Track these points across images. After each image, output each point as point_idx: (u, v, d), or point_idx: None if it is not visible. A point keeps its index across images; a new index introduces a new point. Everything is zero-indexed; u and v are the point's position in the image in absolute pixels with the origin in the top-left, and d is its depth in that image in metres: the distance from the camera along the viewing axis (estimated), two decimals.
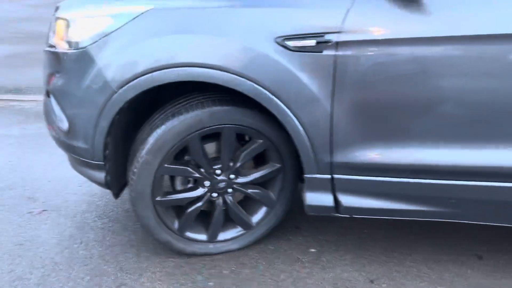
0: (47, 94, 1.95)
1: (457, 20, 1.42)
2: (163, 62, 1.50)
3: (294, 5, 1.48)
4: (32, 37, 6.79)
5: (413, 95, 1.48)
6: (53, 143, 2.76)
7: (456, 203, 1.61)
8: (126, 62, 1.55)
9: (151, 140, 1.58)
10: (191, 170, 1.68)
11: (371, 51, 1.45)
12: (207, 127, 1.60)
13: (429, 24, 1.42)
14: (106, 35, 1.57)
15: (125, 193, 2.05)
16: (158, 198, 1.68)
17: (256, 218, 1.84)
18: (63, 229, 1.98)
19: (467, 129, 1.49)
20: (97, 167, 1.74)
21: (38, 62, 5.10)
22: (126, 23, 1.55)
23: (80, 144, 1.72)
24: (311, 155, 1.58)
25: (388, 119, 1.52)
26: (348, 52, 1.44)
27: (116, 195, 1.88)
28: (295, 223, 2.05)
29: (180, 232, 1.76)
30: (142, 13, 1.54)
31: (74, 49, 1.65)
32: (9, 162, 2.59)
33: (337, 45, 1.44)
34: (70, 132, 1.74)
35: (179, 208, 1.78)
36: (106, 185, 1.78)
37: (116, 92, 1.56)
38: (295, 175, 1.78)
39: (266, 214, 1.84)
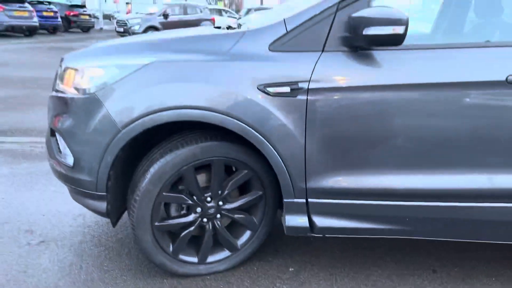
0: (52, 133, 2.18)
1: (400, 71, 1.79)
2: (164, 105, 1.77)
3: (273, 59, 1.81)
4: (10, 81, 6.95)
5: (368, 131, 1.81)
6: (43, 181, 2.97)
7: (409, 221, 1.92)
8: (132, 105, 1.81)
9: (152, 171, 1.83)
10: (185, 197, 1.93)
11: (334, 95, 1.78)
12: (200, 159, 1.86)
13: (379, 74, 1.79)
14: (113, 83, 1.84)
15: (118, 224, 2.25)
16: (156, 223, 1.90)
17: (241, 241, 2.08)
18: (62, 257, 2.14)
19: (414, 159, 1.83)
20: (100, 198, 1.95)
21: (18, 105, 5.31)
22: (132, 72, 1.83)
23: (84, 177, 1.94)
24: (289, 182, 1.86)
25: (350, 150, 1.84)
26: (317, 96, 1.77)
27: (114, 223, 2.08)
28: (275, 247, 2.30)
29: (174, 254, 1.98)
30: (145, 65, 1.83)
31: (83, 95, 1.90)
32: (2, 199, 2.73)
33: (308, 91, 1.77)
34: (75, 166, 1.96)
35: (173, 233, 2.00)
36: (106, 214, 1.98)
37: (121, 131, 1.82)
38: (275, 202, 2.05)
39: (250, 237, 2.08)
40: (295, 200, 1.90)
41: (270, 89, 1.78)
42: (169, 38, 2.04)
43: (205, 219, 1.99)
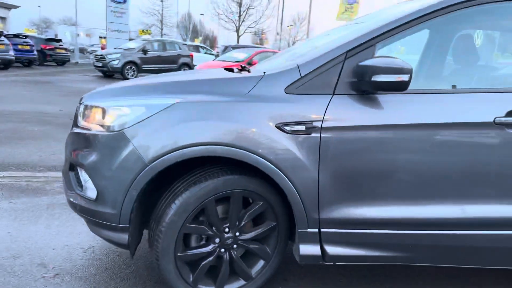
0: (71, 167, 2.28)
1: (401, 113, 2.01)
2: (191, 142, 1.92)
3: (289, 101, 2.00)
4: None
5: (374, 166, 2.00)
6: (45, 215, 3.01)
7: (412, 249, 2.09)
8: (159, 142, 1.95)
9: (177, 203, 1.95)
10: (206, 228, 2.05)
11: (344, 133, 1.98)
12: (221, 192, 2.00)
13: (383, 115, 2.00)
14: (140, 121, 1.98)
15: (127, 257, 2.32)
16: (179, 254, 2.00)
17: (255, 270, 2.19)
18: None
19: (413, 191, 2.02)
20: (122, 230, 2.04)
21: (5, 139, 5.29)
22: (158, 112, 1.98)
23: (107, 210, 2.03)
24: (303, 213, 2.02)
25: (358, 183, 2.02)
26: (329, 134, 1.96)
27: (133, 254, 2.16)
28: (284, 276, 2.42)
29: (194, 284, 2.07)
30: (171, 105, 1.98)
31: (109, 132, 2.03)
32: (8, 233, 2.74)
33: (321, 129, 1.96)
34: (98, 200, 2.05)
35: (192, 263, 2.09)
36: (127, 245, 2.07)
37: (147, 166, 1.94)
38: (287, 232, 2.19)
39: (264, 267, 2.20)
40: (309, 230, 2.05)
41: (287, 128, 1.96)
42: (192, 80, 2.21)
43: (222, 249, 2.10)
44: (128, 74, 15.94)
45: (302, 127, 1.97)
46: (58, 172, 4.13)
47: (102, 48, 33.84)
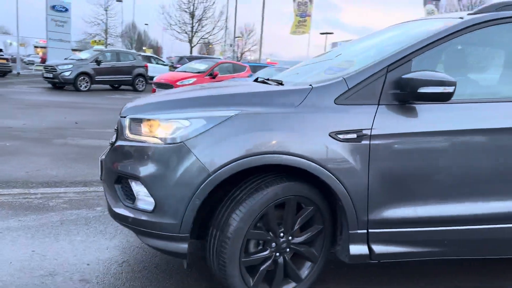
0: (118, 180, 2.28)
1: (438, 120, 2.23)
2: (252, 151, 2.02)
3: (340, 111, 2.16)
4: None
5: (417, 168, 2.21)
6: (63, 232, 2.97)
7: (449, 244, 2.32)
8: (221, 152, 2.02)
9: (243, 210, 2.03)
10: (265, 234, 2.14)
11: (391, 140, 2.16)
12: (280, 198, 2.11)
13: (424, 122, 2.21)
14: (201, 133, 2.05)
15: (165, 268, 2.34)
16: (243, 259, 2.08)
17: (303, 272, 2.31)
18: None
19: (453, 191, 2.25)
20: (181, 240, 2.08)
21: None
22: (219, 123, 2.06)
23: (167, 220, 2.07)
24: (354, 215, 2.17)
25: (402, 185, 2.21)
26: (377, 141, 2.14)
27: (189, 264, 2.19)
28: (322, 277, 2.55)
29: None
30: (231, 116, 2.07)
31: (169, 144, 2.07)
32: (33, 252, 2.65)
33: (370, 137, 2.14)
34: (156, 211, 2.09)
35: (250, 268, 2.17)
36: (187, 255, 2.11)
37: (211, 176, 2.01)
38: (331, 235, 2.33)
39: (311, 269, 2.32)
40: (358, 231, 2.20)
41: (340, 136, 2.12)
42: (245, 93, 2.30)
43: (277, 253, 2.20)
44: (81, 86, 15.38)
45: (354, 135, 2.13)
46: (54, 188, 4.00)
47: (42, 59, 32.21)
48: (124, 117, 2.30)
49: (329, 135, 2.11)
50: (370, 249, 2.23)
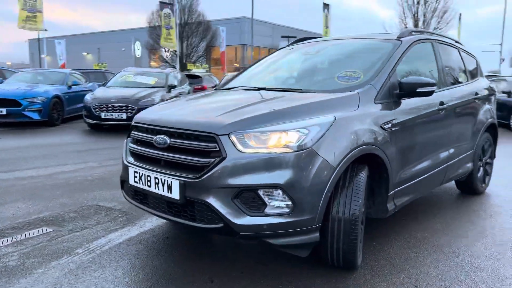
0: (237, 195, 2.35)
1: (416, 107, 3.32)
2: (356, 145, 2.59)
3: (379, 108, 2.92)
4: None
5: (411, 141, 3.23)
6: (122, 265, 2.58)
7: (423, 186, 3.49)
8: (338, 149, 2.49)
9: (359, 194, 2.57)
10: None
11: (399, 125, 3.10)
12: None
13: (415, 110, 3.25)
14: (320, 137, 2.46)
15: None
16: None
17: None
18: None
19: (425, 152, 3.42)
20: (316, 230, 2.46)
21: None
22: (329, 128, 2.51)
23: (305, 216, 2.40)
24: (392, 180, 3.01)
25: (406, 155, 3.19)
26: (396, 128, 3.04)
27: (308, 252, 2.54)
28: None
29: None
30: (333, 121, 2.54)
31: (299, 150, 2.37)
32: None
33: (393, 124, 3.01)
34: (294, 211, 2.37)
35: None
36: (316, 243, 2.47)
37: (336, 169, 2.46)
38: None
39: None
40: (391, 192, 3.06)
41: (385, 126, 2.92)
42: (323, 100, 2.75)
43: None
44: None
45: (389, 125, 2.97)
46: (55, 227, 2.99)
47: None
48: (230, 134, 2.36)
49: (380, 126, 2.88)
50: (394, 204, 3.14)
